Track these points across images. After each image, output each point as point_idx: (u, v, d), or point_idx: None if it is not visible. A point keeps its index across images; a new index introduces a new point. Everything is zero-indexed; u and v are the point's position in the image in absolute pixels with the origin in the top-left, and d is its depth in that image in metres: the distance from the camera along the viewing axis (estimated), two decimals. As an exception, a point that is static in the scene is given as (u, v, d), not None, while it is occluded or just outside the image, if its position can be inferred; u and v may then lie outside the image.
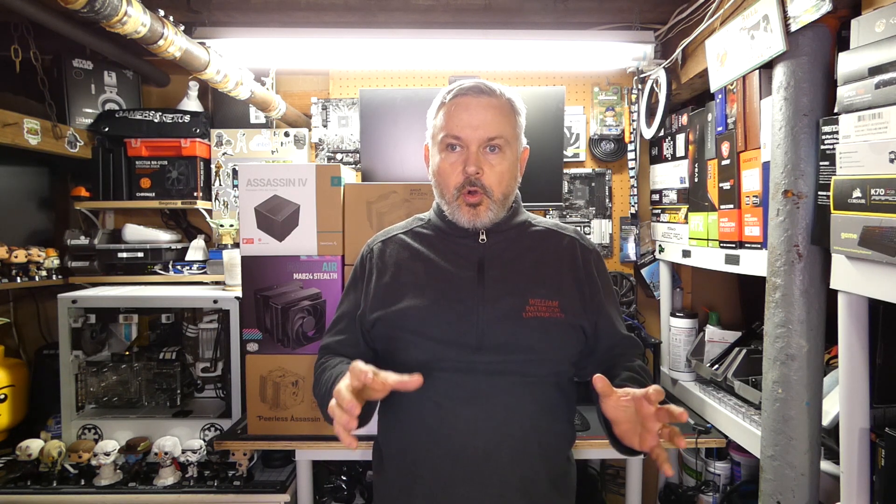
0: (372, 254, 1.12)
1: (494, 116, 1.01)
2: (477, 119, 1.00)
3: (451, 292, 1.01)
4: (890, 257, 0.83)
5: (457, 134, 1.01)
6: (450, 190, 1.03)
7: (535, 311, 1.00)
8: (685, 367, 1.81)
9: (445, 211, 1.07)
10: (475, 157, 1.00)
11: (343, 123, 2.16)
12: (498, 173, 1.02)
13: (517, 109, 1.06)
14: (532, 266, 1.05)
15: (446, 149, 1.03)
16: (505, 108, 1.03)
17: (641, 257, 2.06)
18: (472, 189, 1.01)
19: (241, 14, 1.80)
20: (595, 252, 1.13)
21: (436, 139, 1.06)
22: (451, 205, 1.04)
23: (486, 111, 1.01)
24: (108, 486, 1.60)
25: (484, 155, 1.02)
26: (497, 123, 1.01)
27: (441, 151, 1.04)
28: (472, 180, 1.01)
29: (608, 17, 1.83)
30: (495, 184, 1.02)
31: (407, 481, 1.03)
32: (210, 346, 1.83)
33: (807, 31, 1.05)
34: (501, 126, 1.02)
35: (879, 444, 0.94)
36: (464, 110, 1.01)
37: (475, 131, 1.00)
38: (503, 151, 1.03)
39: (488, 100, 1.02)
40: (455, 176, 1.02)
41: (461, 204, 1.03)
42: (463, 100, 1.02)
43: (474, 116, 1.00)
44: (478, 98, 1.01)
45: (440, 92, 1.07)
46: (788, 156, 1.07)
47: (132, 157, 2.06)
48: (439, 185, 1.06)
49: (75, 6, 1.12)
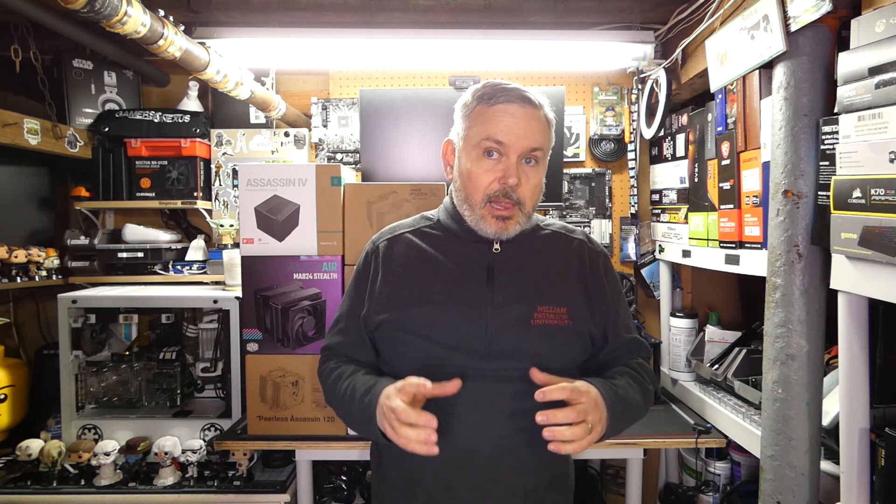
0: (378, 252, 1.10)
1: (538, 128, 1.00)
2: (522, 128, 0.98)
3: (460, 297, 1.00)
4: (890, 257, 0.83)
5: (500, 139, 0.97)
6: (479, 197, 1.00)
7: (543, 318, 0.99)
8: (685, 367, 1.81)
9: (467, 217, 1.03)
10: (515, 167, 0.98)
11: (343, 123, 2.16)
12: (533, 186, 1.01)
13: (552, 123, 1.05)
14: (541, 271, 1.04)
15: (483, 154, 0.99)
16: (546, 122, 1.02)
17: (641, 257, 2.06)
18: (506, 202, 0.98)
19: (242, 14, 1.80)
20: (603, 255, 1.12)
21: (470, 141, 1.01)
22: (475, 212, 1.01)
23: (531, 122, 0.99)
24: (108, 486, 1.59)
25: (521, 166, 0.99)
26: (539, 136, 1.00)
27: (476, 155, 1.00)
28: (509, 192, 0.98)
29: (608, 17, 1.83)
30: (528, 197, 1.01)
31: (409, 485, 1.03)
32: (210, 346, 1.83)
33: (807, 31, 1.05)
34: (543, 138, 1.00)
35: (879, 444, 0.94)
36: (509, 116, 0.98)
37: (518, 140, 0.97)
38: (539, 164, 1.02)
39: (533, 111, 1.00)
40: (490, 184, 0.99)
41: (487, 215, 1.00)
42: (508, 107, 0.98)
43: (520, 125, 0.98)
44: (523, 108, 0.99)
45: (472, 90, 1.03)
46: (788, 156, 1.07)
47: (132, 157, 2.06)
48: (467, 189, 1.02)
49: (75, 6, 1.12)
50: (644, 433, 1.51)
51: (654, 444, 1.51)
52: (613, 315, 1.07)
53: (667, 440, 1.50)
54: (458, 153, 1.05)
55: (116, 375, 1.85)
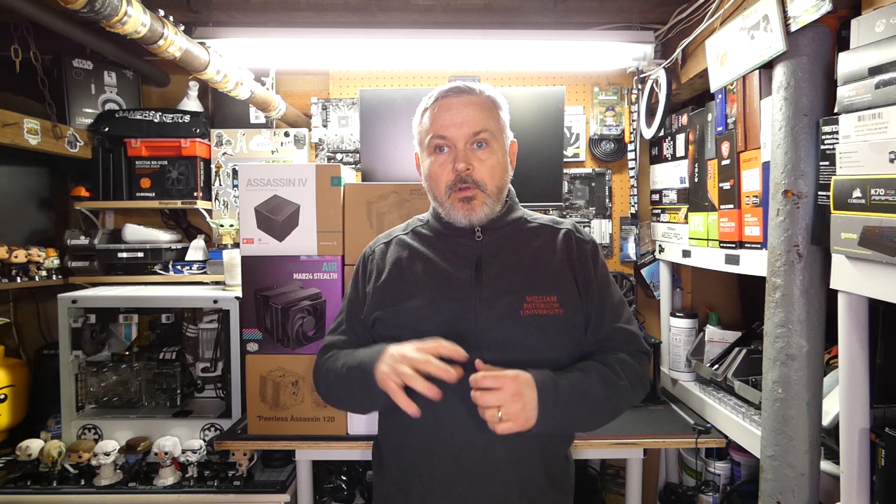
0: (374, 255, 1.13)
1: (477, 112, 1.03)
2: (460, 117, 1.02)
3: (448, 291, 1.02)
4: (890, 257, 0.83)
5: (442, 133, 1.03)
6: (441, 190, 1.04)
7: (532, 308, 1.00)
8: (685, 367, 1.81)
9: (441, 212, 1.07)
10: (463, 153, 1.02)
11: (343, 123, 2.16)
12: (489, 167, 1.03)
13: (498, 104, 1.08)
14: (529, 262, 1.05)
15: (434, 151, 1.05)
16: (486, 104, 1.05)
17: (641, 257, 2.06)
18: (464, 185, 1.02)
19: (242, 14, 1.80)
20: (591, 243, 1.12)
21: (423, 144, 1.07)
22: (444, 205, 1.05)
23: (468, 108, 1.03)
24: (108, 486, 1.60)
25: (472, 151, 1.03)
26: (480, 118, 1.03)
27: (430, 154, 1.06)
28: (464, 177, 1.02)
29: (608, 17, 1.83)
30: (487, 178, 1.03)
31: (406, 480, 1.04)
32: (210, 346, 1.83)
33: (807, 31, 1.05)
34: (485, 120, 1.03)
35: (879, 444, 0.94)
36: (446, 111, 1.03)
37: (460, 129, 1.02)
38: (490, 146, 1.04)
39: (468, 97, 1.04)
40: (445, 175, 1.03)
41: (454, 202, 1.03)
42: (444, 101, 1.04)
43: (457, 115, 1.02)
44: (458, 97, 1.04)
45: (422, 100, 1.09)
46: (788, 156, 1.07)
47: (132, 157, 2.06)
48: (432, 188, 1.07)
49: (75, 6, 1.12)
50: (644, 433, 1.51)
51: (654, 444, 1.51)
52: (599, 302, 1.06)
53: (667, 440, 1.50)
54: (420, 158, 1.11)
55: (116, 375, 1.85)
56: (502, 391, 0.90)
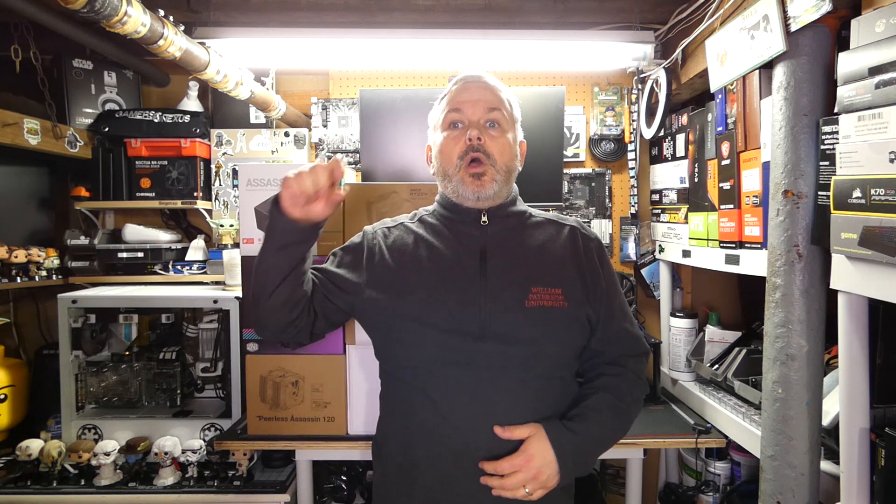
0: (376, 236, 1.13)
1: (492, 94, 1.08)
2: (477, 94, 1.07)
3: (453, 281, 1.02)
4: (890, 257, 0.83)
5: (458, 107, 1.07)
6: (452, 161, 1.06)
7: (537, 299, 1.00)
8: (685, 367, 1.81)
9: (449, 190, 1.08)
10: (477, 125, 1.05)
11: (343, 123, 2.16)
12: (500, 145, 1.06)
13: (512, 100, 1.13)
14: (534, 254, 1.06)
15: (449, 127, 1.08)
16: (500, 92, 1.10)
17: (641, 257, 2.06)
18: (475, 156, 1.03)
19: (241, 14, 1.80)
20: (597, 241, 1.13)
21: (438, 123, 1.11)
22: (454, 179, 1.06)
23: (485, 90, 1.08)
24: (108, 486, 1.60)
25: (484, 129, 1.06)
26: (495, 98, 1.08)
27: (444, 130, 1.08)
28: (476, 146, 1.03)
29: (608, 17, 1.83)
30: (497, 153, 1.05)
31: (406, 479, 1.03)
32: (210, 346, 1.83)
33: (807, 31, 1.05)
34: (499, 101, 1.08)
35: (879, 444, 0.94)
36: (465, 91, 1.08)
37: (475, 105, 1.06)
38: (502, 127, 1.07)
39: (486, 82, 1.10)
40: (458, 147, 1.05)
41: (464, 176, 1.04)
42: (465, 85, 1.09)
43: (474, 93, 1.07)
44: (477, 82, 1.10)
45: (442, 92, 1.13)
46: (788, 156, 1.07)
47: (132, 157, 2.06)
48: (442, 162, 1.08)
49: (75, 6, 1.12)
50: (644, 433, 1.51)
51: (654, 444, 1.51)
52: (608, 301, 1.07)
53: (667, 440, 1.50)
54: (433, 139, 1.13)
55: (116, 375, 1.85)
56: (522, 472, 0.94)
